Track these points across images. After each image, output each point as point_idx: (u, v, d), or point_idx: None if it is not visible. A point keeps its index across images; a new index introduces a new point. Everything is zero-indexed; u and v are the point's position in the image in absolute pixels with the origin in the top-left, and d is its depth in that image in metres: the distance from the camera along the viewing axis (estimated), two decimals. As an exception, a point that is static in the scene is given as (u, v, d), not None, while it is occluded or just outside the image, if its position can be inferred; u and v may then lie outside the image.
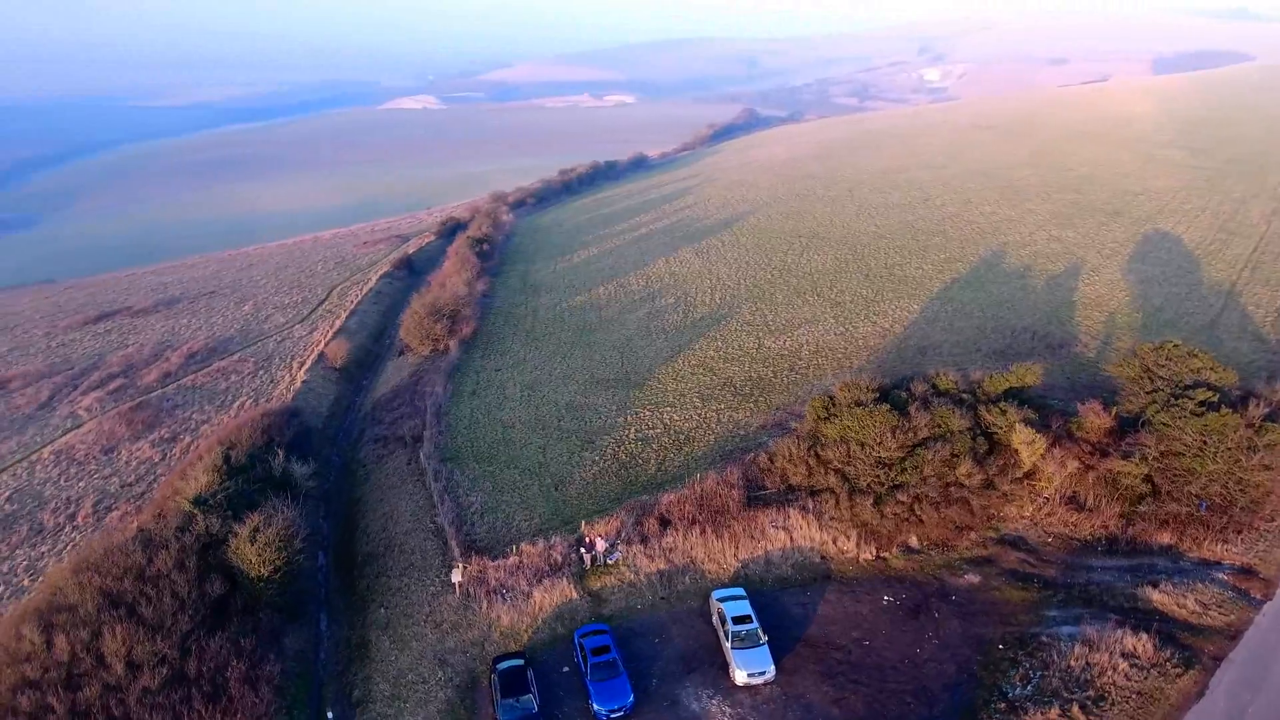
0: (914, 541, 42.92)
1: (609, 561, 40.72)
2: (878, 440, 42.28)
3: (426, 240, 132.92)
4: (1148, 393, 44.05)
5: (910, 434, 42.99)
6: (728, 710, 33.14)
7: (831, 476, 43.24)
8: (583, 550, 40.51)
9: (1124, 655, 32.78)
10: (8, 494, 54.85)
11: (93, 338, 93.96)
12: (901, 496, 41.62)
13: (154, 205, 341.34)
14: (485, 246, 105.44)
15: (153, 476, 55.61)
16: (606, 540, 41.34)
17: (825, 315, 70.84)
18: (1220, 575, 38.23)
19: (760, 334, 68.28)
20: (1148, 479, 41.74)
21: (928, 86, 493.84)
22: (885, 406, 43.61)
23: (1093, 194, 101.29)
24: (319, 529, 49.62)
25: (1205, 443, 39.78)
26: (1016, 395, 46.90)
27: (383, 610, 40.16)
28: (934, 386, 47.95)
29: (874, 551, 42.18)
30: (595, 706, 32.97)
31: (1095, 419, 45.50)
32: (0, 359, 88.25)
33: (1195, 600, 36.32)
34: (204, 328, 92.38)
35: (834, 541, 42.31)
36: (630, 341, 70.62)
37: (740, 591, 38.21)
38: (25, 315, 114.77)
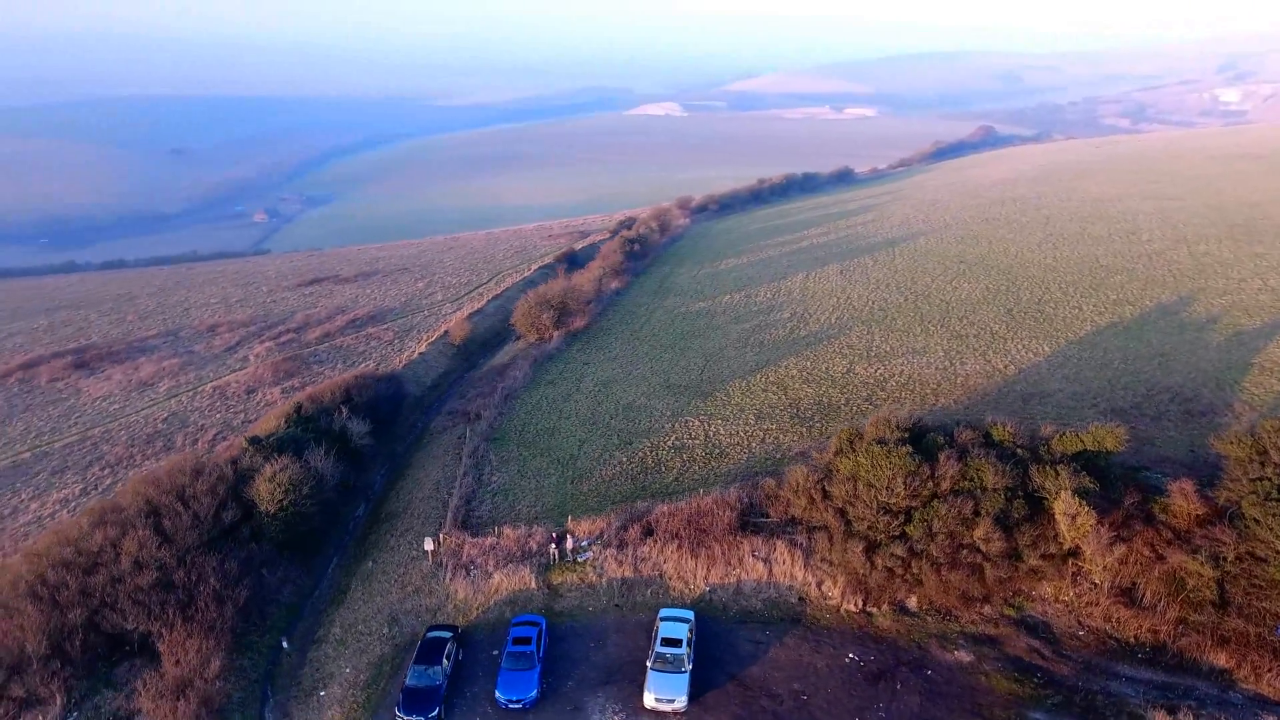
0: (912, 603, 38.11)
1: (577, 560, 40.54)
2: (885, 484, 38.06)
3: (600, 238, 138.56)
4: (1252, 479, 35.41)
5: (929, 483, 38.27)
6: (622, 729, 31.84)
7: (830, 514, 39.55)
8: (553, 545, 40.69)
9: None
10: (165, 415, 66.00)
11: (297, 298, 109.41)
12: (898, 550, 37.11)
13: (422, 191, 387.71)
14: (636, 246, 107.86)
15: (268, 417, 63.94)
16: (576, 538, 41.21)
17: (937, 347, 64.34)
18: (1274, 720, 29.88)
19: (856, 359, 63.61)
20: (1219, 584, 33.57)
21: (1222, 108, 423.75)
22: (906, 449, 39.03)
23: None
24: (371, 483, 54.39)
25: (1297, 552, 31.30)
26: (1088, 460, 39.90)
27: (370, 563, 43.28)
28: (986, 435, 42.12)
29: (860, 604, 38.04)
30: (497, 693, 33.22)
31: (1183, 502, 37.47)
32: (225, 307, 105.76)
33: (1225, 744, 28.80)
34: (378, 298, 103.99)
35: (818, 585, 38.74)
36: (722, 351, 69.00)
37: (688, 615, 36.41)
38: (266, 276, 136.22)
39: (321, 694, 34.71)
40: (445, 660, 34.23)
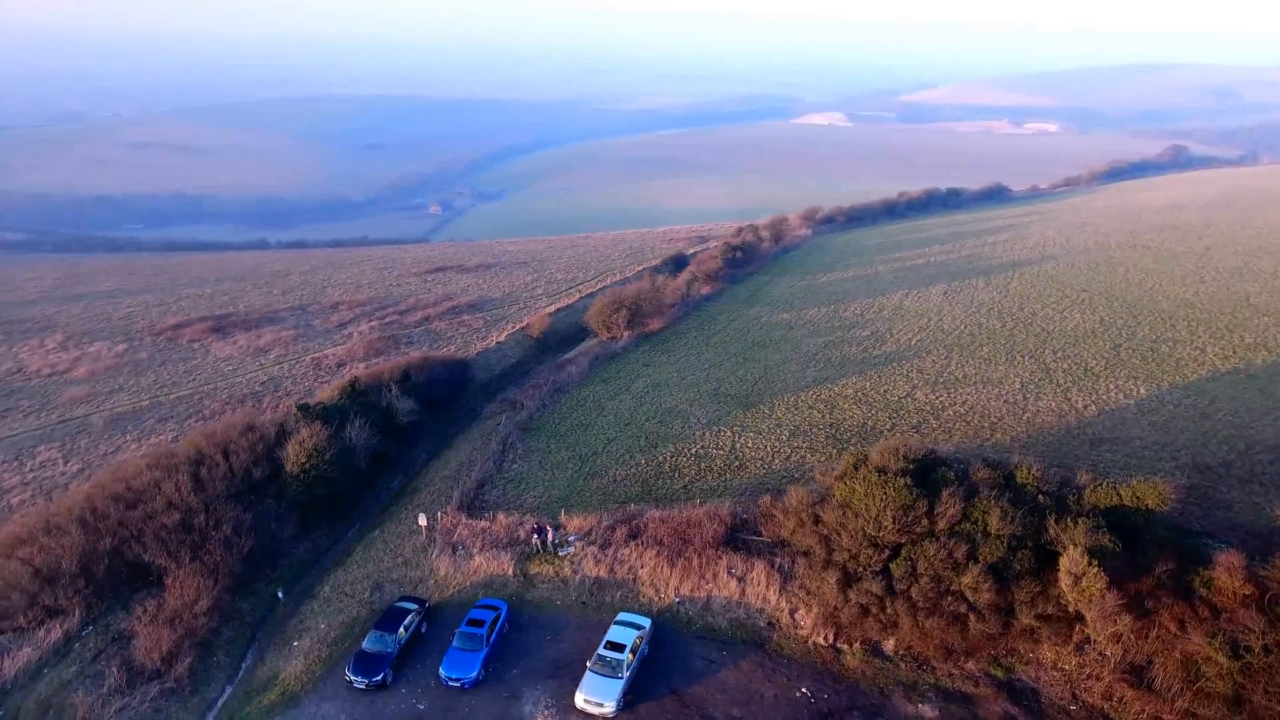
0: (889, 645, 35.36)
1: (558, 553, 40.85)
2: (874, 515, 35.65)
3: (716, 244, 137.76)
4: (1306, 561, 30.09)
5: (923, 520, 35.46)
6: (549, 725, 31.86)
7: (815, 539, 37.46)
8: (536, 535, 41.23)
9: None
10: (265, 379, 72.81)
11: (418, 283, 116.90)
12: (874, 586, 34.60)
13: (582, 191, 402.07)
14: (738, 254, 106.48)
15: (346, 389, 68.87)
16: (561, 532, 41.52)
17: (1014, 379, 58.98)
18: None
19: (920, 383, 59.59)
20: (1235, 678, 28.68)
21: None
22: (904, 481, 36.34)
23: None
24: (414, 458, 57.38)
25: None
26: (1123, 517, 35.51)
27: (377, 531, 45.75)
28: (1008, 477, 38.37)
29: (830, 638, 35.77)
30: (441, 670, 34.26)
31: (1227, 578, 32.42)
32: (355, 287, 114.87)
33: None
34: (486, 288, 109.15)
35: (790, 612, 36.82)
36: (784, 364, 66.80)
37: (644, 623, 35.83)
38: (403, 262, 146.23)
39: (295, 644, 37.23)
40: (403, 630, 35.70)
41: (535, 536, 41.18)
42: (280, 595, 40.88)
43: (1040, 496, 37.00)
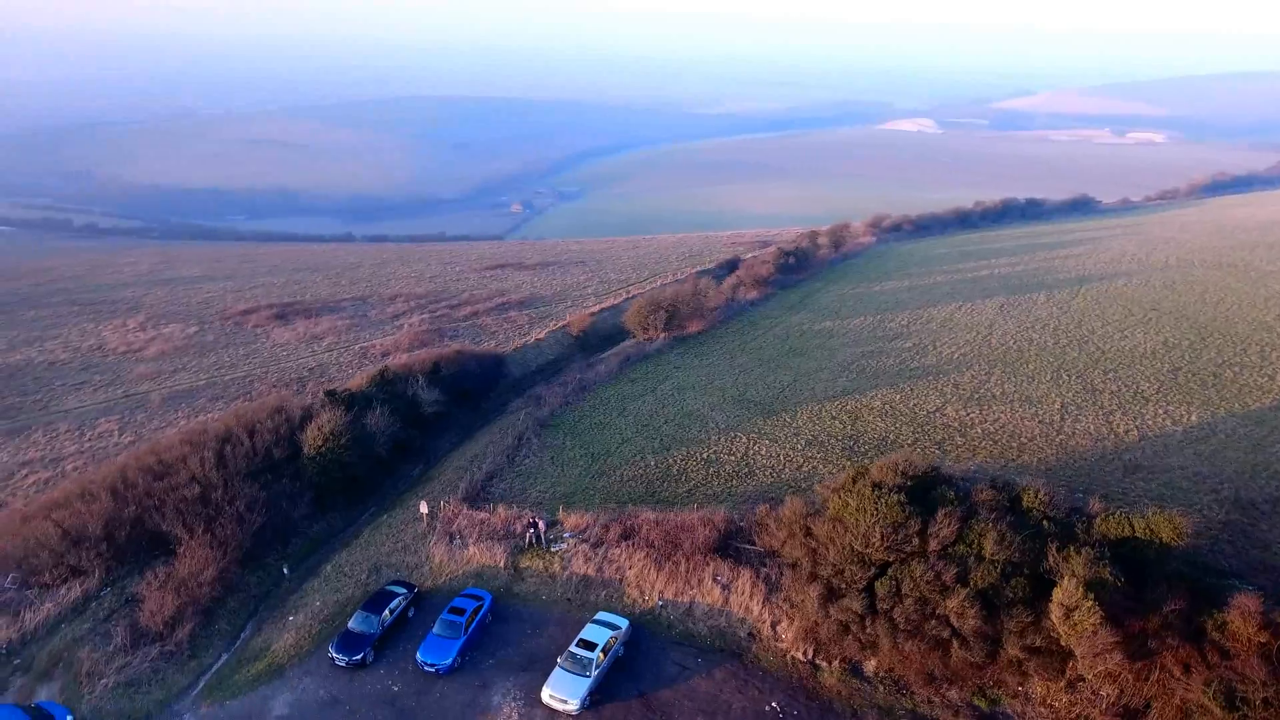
0: (869, 667, 34.18)
1: (550, 549, 41.13)
2: (863, 530, 34.58)
3: (774, 249, 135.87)
4: (1325, 610, 27.58)
5: (913, 539, 34.20)
6: (513, 718, 32.14)
7: (804, 552, 36.54)
8: (530, 530, 41.62)
9: None
10: (313, 365, 75.92)
11: (476, 278, 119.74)
12: (855, 604, 33.51)
13: (660, 193, 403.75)
14: (791, 260, 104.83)
15: (386, 378, 71.07)
16: (556, 528, 41.83)
17: (1054, 399, 56.04)
18: None
19: (953, 399, 57.32)
20: (1231, 728, 26.51)
21: None
22: (898, 497, 35.10)
23: None
24: (438, 448, 58.71)
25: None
26: (1134, 549, 33.47)
27: (386, 515, 47.07)
28: (1014, 500, 36.57)
29: (809, 654, 34.80)
30: (418, 654, 35.03)
31: (1240, 622, 30.09)
32: (416, 281, 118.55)
33: None
34: (539, 285, 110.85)
35: (772, 624, 36.03)
36: (816, 372, 65.38)
37: (621, 624, 35.73)
38: (468, 258, 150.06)
39: (290, 618, 38.70)
40: (387, 613, 36.69)
41: (529, 531, 41.59)
42: (286, 571, 42.59)
43: (1045, 522, 35.13)
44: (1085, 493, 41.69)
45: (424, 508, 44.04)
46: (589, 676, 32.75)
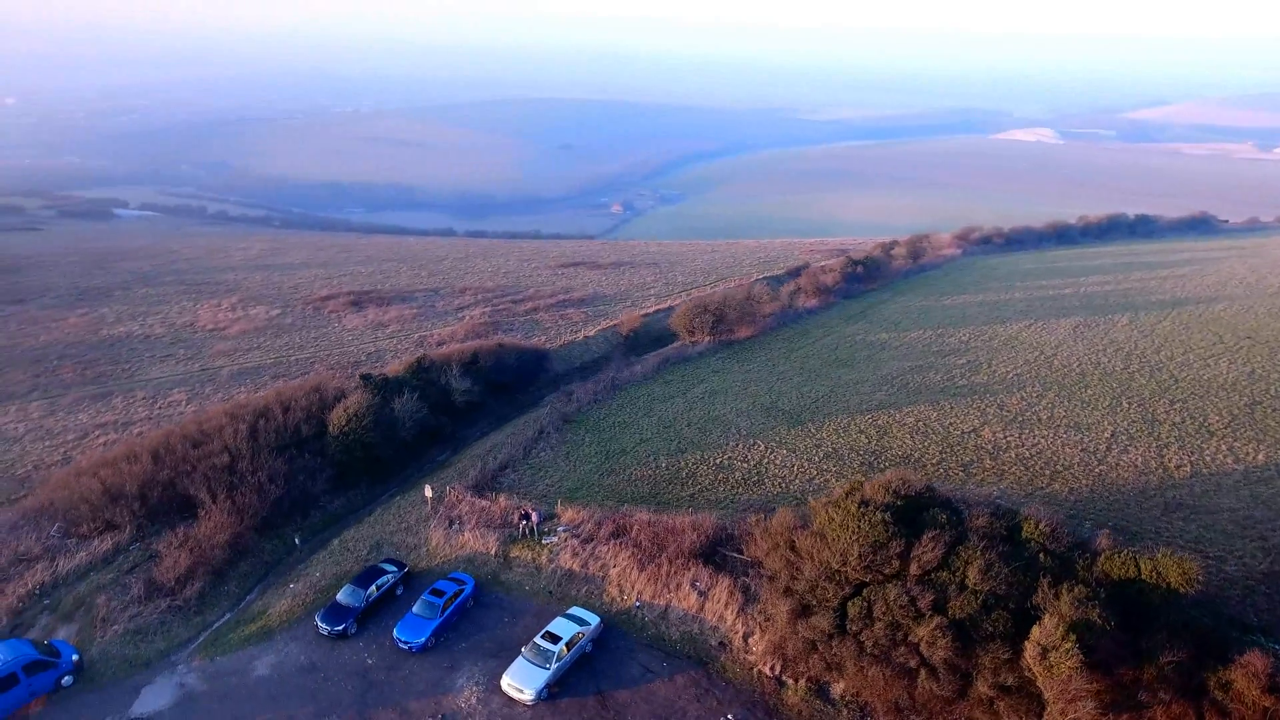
0: (837, 689, 32.95)
1: (540, 541, 41.64)
2: (840, 548, 33.42)
3: (855, 257, 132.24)
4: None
5: (893, 562, 32.83)
6: (471, 701, 32.82)
7: (783, 565, 35.56)
8: (524, 521, 42.23)
9: None
10: (372, 350, 79.46)
11: (548, 275, 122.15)
12: (823, 622, 32.37)
13: (760, 198, 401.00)
14: (860, 269, 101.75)
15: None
16: (551, 521, 42.30)
17: (1107, 427, 52.17)
18: None
19: (993, 420, 54.28)
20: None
21: None
22: (882, 516, 33.72)
23: None
24: (468, 436, 60.37)
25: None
26: (1139, 592, 31.07)
27: (400, 497, 48.76)
28: (1014, 528, 34.44)
29: (776, 670, 33.83)
30: (395, 631, 36.24)
31: (1245, 682, 27.47)
32: (490, 275, 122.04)
33: None
34: (605, 284, 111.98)
35: (744, 636, 35.26)
36: (856, 385, 63.28)
37: (591, 620, 35.82)
38: (547, 255, 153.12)
39: (291, 586, 40.74)
40: (374, 588, 38.14)
41: (523, 521, 42.22)
42: (298, 541, 44.84)
43: (1042, 555, 32.91)
44: (1114, 528, 38.77)
45: (429, 491, 45.41)
46: (548, 669, 32.99)
